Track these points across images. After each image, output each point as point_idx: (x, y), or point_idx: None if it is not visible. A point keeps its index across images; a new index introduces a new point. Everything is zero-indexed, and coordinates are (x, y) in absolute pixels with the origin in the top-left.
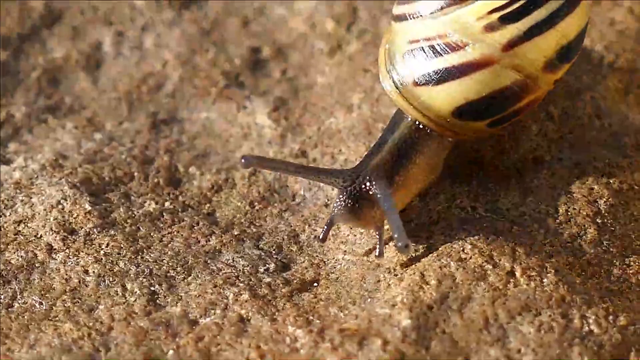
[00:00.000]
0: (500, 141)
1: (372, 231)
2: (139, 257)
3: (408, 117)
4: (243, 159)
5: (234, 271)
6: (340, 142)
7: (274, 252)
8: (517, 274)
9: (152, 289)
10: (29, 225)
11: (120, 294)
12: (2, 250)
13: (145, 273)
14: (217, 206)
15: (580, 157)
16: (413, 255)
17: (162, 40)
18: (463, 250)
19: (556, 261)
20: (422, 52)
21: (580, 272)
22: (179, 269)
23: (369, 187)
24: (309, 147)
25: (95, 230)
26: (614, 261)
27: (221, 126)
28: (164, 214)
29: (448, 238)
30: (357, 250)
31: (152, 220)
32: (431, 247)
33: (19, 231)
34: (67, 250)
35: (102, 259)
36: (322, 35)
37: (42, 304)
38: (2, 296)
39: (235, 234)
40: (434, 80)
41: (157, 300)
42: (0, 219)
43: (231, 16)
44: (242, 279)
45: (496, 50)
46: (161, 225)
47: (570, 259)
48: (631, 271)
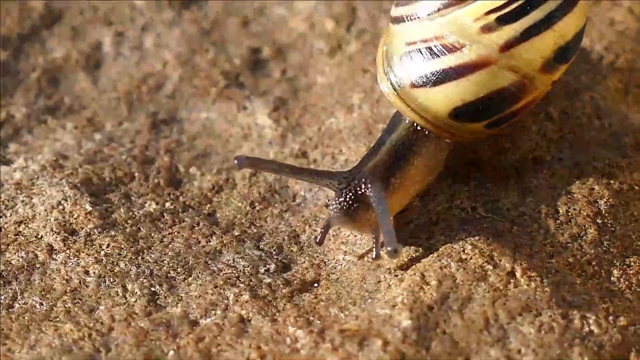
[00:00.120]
0: (500, 141)
1: (368, 234)
2: (140, 257)
3: (406, 118)
4: (236, 160)
5: (234, 272)
6: (341, 143)
7: (274, 252)
8: (518, 274)
9: (153, 289)
10: (29, 225)
11: (120, 294)
12: (3, 250)
13: (146, 273)
14: (217, 207)
15: (580, 157)
16: (413, 255)
17: (162, 40)
18: (463, 251)
19: (556, 261)
20: (419, 54)
21: (581, 272)
22: (179, 269)
23: (364, 189)
24: (310, 147)
25: (95, 230)
26: (615, 261)
27: (221, 126)
28: (165, 214)
29: (448, 238)
30: (358, 250)
31: (152, 220)
32: (431, 248)
33: (20, 232)
34: (68, 251)
35: (102, 259)
36: (322, 35)
37: (42, 304)
38: (2, 297)
39: (236, 234)
40: (431, 82)
41: (158, 301)
42: (0, 219)
43: (231, 16)
44: (242, 280)
45: (493, 51)
46: (162, 225)
47: (571, 260)
48: (631, 271)
